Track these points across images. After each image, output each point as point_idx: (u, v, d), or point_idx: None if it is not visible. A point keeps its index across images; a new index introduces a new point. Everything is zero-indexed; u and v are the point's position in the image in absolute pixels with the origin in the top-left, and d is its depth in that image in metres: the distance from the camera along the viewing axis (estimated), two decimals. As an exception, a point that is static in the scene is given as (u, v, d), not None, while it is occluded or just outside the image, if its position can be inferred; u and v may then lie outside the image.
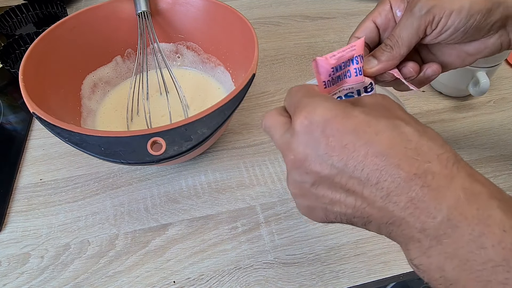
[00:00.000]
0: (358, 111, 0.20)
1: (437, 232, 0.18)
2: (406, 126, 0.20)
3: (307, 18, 0.70)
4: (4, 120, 0.52)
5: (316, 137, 0.21)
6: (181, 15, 0.51)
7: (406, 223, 0.19)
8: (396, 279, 0.37)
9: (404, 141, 0.19)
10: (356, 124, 0.20)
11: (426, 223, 0.18)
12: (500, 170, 0.45)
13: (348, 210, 0.21)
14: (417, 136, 0.19)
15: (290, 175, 0.23)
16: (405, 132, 0.19)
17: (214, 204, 0.42)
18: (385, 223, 0.20)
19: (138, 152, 0.32)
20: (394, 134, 0.19)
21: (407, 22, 0.27)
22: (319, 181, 0.21)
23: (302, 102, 0.22)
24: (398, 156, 0.19)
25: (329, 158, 0.20)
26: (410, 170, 0.18)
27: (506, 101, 0.54)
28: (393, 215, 0.19)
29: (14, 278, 0.37)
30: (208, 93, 0.52)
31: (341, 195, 0.21)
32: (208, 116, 0.34)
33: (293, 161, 0.22)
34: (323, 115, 0.20)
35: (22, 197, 0.43)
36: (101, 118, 0.49)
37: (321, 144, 0.20)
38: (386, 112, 0.21)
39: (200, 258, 0.38)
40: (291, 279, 0.36)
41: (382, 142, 0.19)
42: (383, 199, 0.19)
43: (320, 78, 0.26)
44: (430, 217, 0.18)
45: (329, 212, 0.22)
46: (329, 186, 0.21)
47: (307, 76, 0.58)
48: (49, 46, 0.44)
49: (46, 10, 0.69)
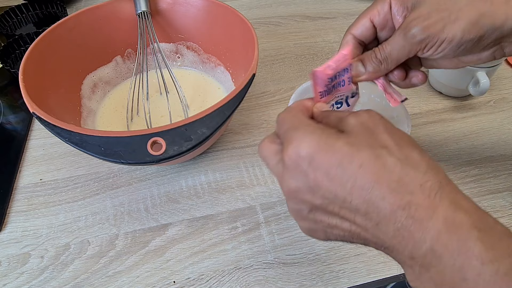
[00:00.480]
0: (341, 143, 0.21)
1: (424, 261, 0.19)
2: (388, 157, 0.20)
3: (307, 18, 0.70)
4: (4, 120, 0.52)
5: (304, 170, 0.21)
6: (181, 15, 0.51)
7: (397, 250, 0.20)
8: (396, 279, 0.37)
9: (386, 173, 0.19)
10: (340, 157, 0.20)
11: (414, 252, 0.19)
12: (500, 170, 0.45)
13: (345, 233, 0.22)
14: (399, 167, 0.20)
15: (288, 203, 0.24)
16: (387, 164, 0.20)
17: (214, 204, 0.43)
18: (380, 246, 0.21)
19: (138, 152, 0.32)
20: (376, 167, 0.20)
21: (399, 44, 0.27)
22: (315, 209, 0.22)
23: (288, 134, 0.23)
24: (382, 189, 0.19)
25: (319, 189, 0.21)
26: (394, 202, 0.19)
27: (506, 101, 0.54)
28: (384, 241, 0.20)
29: (14, 278, 0.37)
30: (208, 93, 0.52)
31: (337, 221, 0.22)
32: (208, 116, 0.34)
33: (287, 192, 0.23)
34: (308, 149, 0.21)
35: (22, 197, 0.43)
36: (101, 118, 0.49)
37: (310, 177, 0.21)
38: (369, 138, 0.21)
39: (200, 258, 0.38)
40: (291, 279, 0.36)
41: (365, 175, 0.20)
42: (373, 227, 0.20)
43: (316, 89, 0.27)
44: (416, 247, 0.19)
45: (329, 233, 0.23)
46: (325, 213, 0.22)
47: (307, 76, 0.58)
48: (49, 46, 0.44)
49: (46, 10, 0.69)
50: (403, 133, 0.22)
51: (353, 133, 0.22)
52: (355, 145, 0.21)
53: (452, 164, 0.46)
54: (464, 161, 0.46)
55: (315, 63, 0.60)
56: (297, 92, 0.40)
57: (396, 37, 0.27)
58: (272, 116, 0.52)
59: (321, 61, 0.61)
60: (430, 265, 0.18)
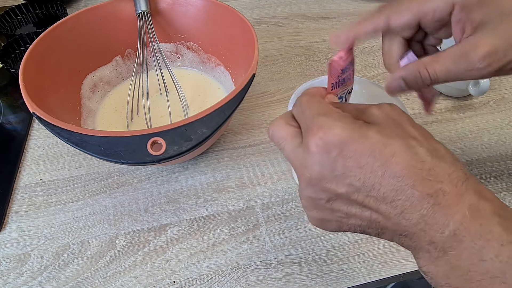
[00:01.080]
0: (373, 131, 0.21)
1: (444, 245, 0.19)
2: (419, 147, 0.21)
3: (307, 18, 0.70)
4: (4, 120, 0.52)
5: (332, 158, 0.21)
6: (181, 15, 0.51)
7: (417, 236, 0.20)
8: (396, 279, 0.37)
9: (418, 163, 0.20)
10: (373, 145, 0.20)
11: (435, 237, 0.19)
12: (500, 170, 0.45)
13: (363, 223, 0.22)
14: (430, 157, 0.20)
15: (304, 191, 0.23)
16: (419, 153, 0.20)
17: (214, 204, 0.42)
18: (398, 234, 0.21)
19: (138, 152, 0.32)
20: (409, 156, 0.20)
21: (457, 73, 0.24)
22: (335, 198, 0.22)
23: (316, 120, 0.22)
24: (413, 177, 0.20)
25: (346, 178, 0.21)
26: (423, 190, 0.19)
27: (506, 101, 0.54)
28: (405, 229, 0.20)
29: (14, 278, 0.37)
30: (208, 93, 0.52)
31: (357, 210, 0.22)
32: (208, 116, 0.34)
33: (308, 179, 0.22)
34: (340, 136, 0.21)
35: (22, 197, 0.43)
36: (101, 118, 0.49)
37: (338, 165, 0.21)
38: (398, 129, 0.22)
39: (200, 258, 0.38)
40: (291, 279, 0.36)
41: (398, 164, 0.20)
42: (397, 215, 0.20)
43: (330, 80, 0.27)
44: (438, 232, 0.19)
45: (343, 224, 0.23)
46: (345, 202, 0.22)
47: (307, 76, 0.58)
48: (49, 46, 0.44)
49: (46, 10, 0.69)
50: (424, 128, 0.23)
51: (381, 124, 0.22)
52: (386, 134, 0.21)
53: (452, 164, 0.46)
54: (464, 161, 0.46)
55: (315, 63, 0.60)
56: (297, 92, 0.40)
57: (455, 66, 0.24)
58: (272, 116, 0.52)
59: (321, 61, 0.61)
60: (450, 248, 0.19)
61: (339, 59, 0.26)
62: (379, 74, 0.58)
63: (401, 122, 0.22)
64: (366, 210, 0.21)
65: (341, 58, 0.26)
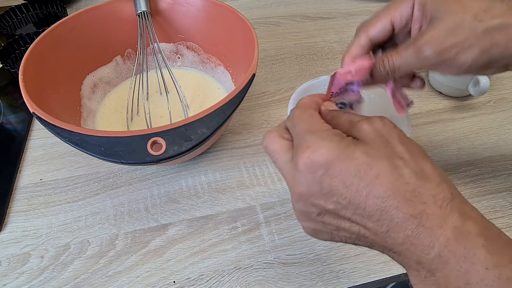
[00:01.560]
0: (359, 152, 0.21)
1: (430, 266, 0.20)
2: (405, 168, 0.21)
3: (307, 18, 0.70)
4: (4, 120, 0.52)
5: (318, 176, 0.22)
6: (181, 15, 0.51)
7: (404, 255, 0.21)
8: (396, 279, 0.37)
9: (402, 184, 0.20)
10: (358, 166, 0.21)
11: (421, 258, 0.20)
12: (500, 170, 0.45)
13: (352, 235, 0.23)
14: (414, 178, 0.20)
15: (296, 204, 0.24)
16: (404, 175, 0.20)
17: (214, 204, 0.42)
18: (387, 250, 0.22)
19: (138, 152, 0.32)
20: (393, 177, 0.20)
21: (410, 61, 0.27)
22: (325, 212, 0.23)
23: (305, 138, 0.23)
24: (397, 199, 0.20)
25: (333, 196, 0.21)
26: (407, 212, 0.20)
27: (506, 101, 0.54)
28: (392, 247, 0.21)
29: (14, 278, 0.37)
30: (208, 93, 0.52)
31: (346, 224, 0.22)
32: (208, 116, 0.34)
33: (298, 194, 0.23)
34: (326, 156, 0.21)
35: (22, 197, 0.43)
36: (101, 118, 0.49)
37: (325, 184, 0.21)
38: (386, 148, 0.22)
39: (200, 258, 0.38)
40: (291, 279, 0.36)
41: (382, 185, 0.20)
42: (383, 233, 0.21)
43: (330, 90, 0.27)
44: (424, 253, 0.20)
45: (335, 235, 0.24)
46: (335, 217, 0.22)
47: (307, 76, 0.58)
48: (49, 46, 0.44)
49: (46, 10, 0.69)
50: (415, 143, 0.23)
51: (369, 142, 0.22)
52: (372, 155, 0.21)
53: (452, 164, 0.46)
54: (464, 161, 0.46)
55: (315, 63, 0.60)
56: (297, 92, 0.40)
57: (408, 53, 0.27)
58: (272, 116, 0.52)
59: (321, 61, 0.61)
60: (437, 269, 0.19)
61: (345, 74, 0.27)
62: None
63: (390, 139, 0.22)
64: (355, 225, 0.22)
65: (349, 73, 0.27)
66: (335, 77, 0.26)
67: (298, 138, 0.23)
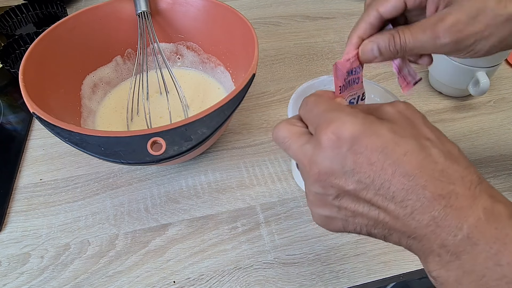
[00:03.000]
0: (386, 129, 0.20)
1: (456, 248, 0.19)
2: (433, 148, 0.20)
3: (307, 18, 0.70)
4: (4, 120, 0.52)
5: (343, 152, 0.21)
6: (181, 15, 0.51)
7: (427, 239, 0.20)
8: (396, 279, 0.37)
9: (431, 163, 0.20)
10: (385, 142, 0.20)
11: (446, 240, 0.19)
12: (500, 170, 0.45)
13: (369, 222, 0.22)
14: (443, 159, 0.20)
15: (311, 187, 0.23)
16: (432, 154, 0.20)
17: (214, 204, 0.42)
18: (406, 236, 0.20)
19: (138, 152, 0.32)
20: (421, 156, 0.20)
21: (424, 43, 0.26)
22: (342, 194, 0.22)
23: (327, 116, 0.22)
24: (425, 177, 0.19)
25: (355, 174, 0.20)
26: (435, 191, 0.19)
27: (506, 101, 0.54)
28: (415, 231, 0.20)
29: (14, 278, 0.37)
30: (208, 93, 0.52)
31: (365, 208, 0.21)
32: (208, 116, 0.34)
33: (317, 174, 0.22)
34: (352, 131, 0.20)
35: (22, 197, 0.43)
36: (101, 118, 0.49)
37: (348, 160, 0.20)
38: (412, 129, 0.21)
39: (200, 258, 0.38)
40: (291, 279, 0.36)
41: (410, 163, 0.20)
42: (406, 216, 0.20)
43: (337, 83, 0.27)
44: (451, 234, 0.19)
45: (349, 223, 0.23)
46: (353, 199, 0.21)
47: (307, 76, 0.58)
48: (49, 46, 0.44)
49: (46, 10, 0.69)
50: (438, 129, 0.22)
51: (395, 122, 0.21)
52: (399, 133, 0.20)
53: (452, 164, 0.46)
54: (464, 161, 0.46)
55: (315, 63, 0.60)
56: (297, 92, 0.40)
57: (424, 37, 0.26)
58: (272, 116, 0.52)
59: (321, 61, 0.61)
60: (464, 252, 0.19)
61: (345, 61, 0.26)
62: (379, 74, 0.58)
63: (415, 121, 0.22)
64: (374, 209, 0.21)
65: (348, 60, 0.26)
66: (337, 68, 0.26)
67: (318, 118, 0.22)
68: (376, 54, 0.27)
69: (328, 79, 0.41)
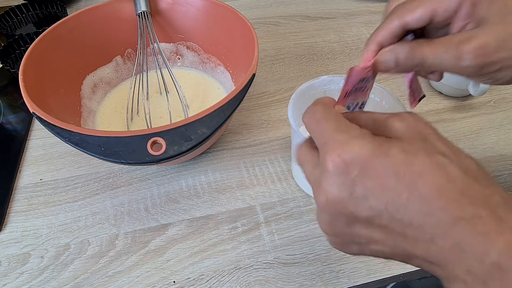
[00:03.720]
0: (396, 149, 0.19)
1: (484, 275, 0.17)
2: (450, 165, 0.18)
3: (307, 18, 0.70)
4: (4, 120, 0.52)
5: (351, 178, 0.19)
6: (181, 15, 0.51)
7: (451, 264, 0.18)
8: (396, 279, 0.37)
9: (449, 183, 0.18)
10: (396, 164, 0.19)
11: (473, 267, 0.17)
12: (500, 170, 0.45)
13: (386, 249, 0.20)
14: (461, 176, 0.18)
15: (321, 215, 0.22)
16: (449, 172, 0.18)
17: (214, 204, 0.43)
18: (428, 262, 0.19)
19: (138, 152, 0.32)
20: (438, 175, 0.18)
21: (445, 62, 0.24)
22: (354, 221, 0.20)
23: (333, 136, 0.20)
24: (443, 200, 0.18)
25: (367, 200, 0.19)
26: (456, 214, 0.17)
27: (506, 101, 0.54)
28: (436, 257, 0.18)
29: (14, 278, 0.37)
30: (208, 93, 0.52)
31: (380, 234, 0.20)
32: (208, 116, 0.34)
33: (324, 202, 0.20)
34: (359, 154, 0.19)
35: (22, 197, 0.43)
36: (101, 118, 0.49)
37: (358, 186, 0.19)
38: (424, 144, 0.20)
39: (200, 258, 0.38)
40: (291, 279, 0.36)
41: (425, 184, 0.18)
42: (426, 242, 0.18)
43: (346, 88, 0.26)
44: (477, 261, 0.17)
45: (365, 248, 0.21)
46: (366, 226, 0.20)
47: (307, 76, 0.58)
48: (49, 46, 0.44)
49: (46, 10, 0.69)
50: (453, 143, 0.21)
51: (405, 139, 0.20)
52: (410, 152, 0.19)
53: (452, 164, 0.46)
54: (464, 161, 0.46)
55: (315, 63, 0.60)
56: (297, 92, 0.40)
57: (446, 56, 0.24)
58: (272, 116, 0.52)
59: (321, 61, 0.61)
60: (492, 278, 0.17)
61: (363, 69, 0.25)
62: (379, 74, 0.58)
63: (426, 135, 0.20)
64: (390, 235, 0.19)
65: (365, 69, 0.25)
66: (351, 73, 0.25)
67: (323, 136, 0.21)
68: (392, 65, 0.26)
69: (328, 79, 0.41)
